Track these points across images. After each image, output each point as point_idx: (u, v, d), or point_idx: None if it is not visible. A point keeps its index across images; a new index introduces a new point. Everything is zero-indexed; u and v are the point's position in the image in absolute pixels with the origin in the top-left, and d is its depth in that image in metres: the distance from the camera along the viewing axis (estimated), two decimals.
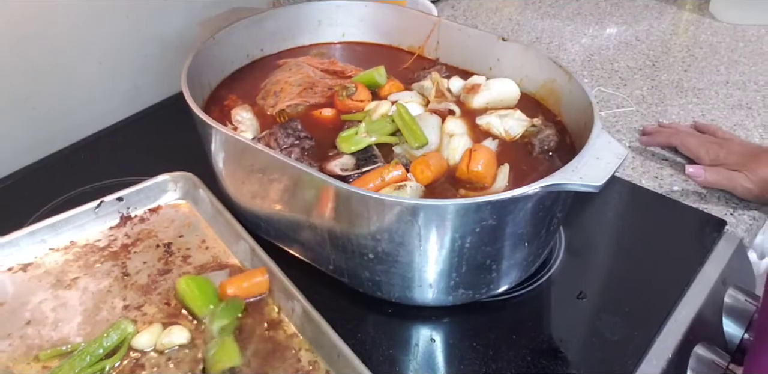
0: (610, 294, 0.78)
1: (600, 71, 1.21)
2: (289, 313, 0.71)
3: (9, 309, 0.73)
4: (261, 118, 0.82)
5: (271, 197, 0.75)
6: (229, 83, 0.89)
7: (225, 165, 0.79)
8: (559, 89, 0.80)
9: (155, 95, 1.12)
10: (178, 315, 0.72)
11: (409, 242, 0.65)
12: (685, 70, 1.22)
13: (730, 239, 0.85)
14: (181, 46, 1.08)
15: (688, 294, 0.78)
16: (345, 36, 0.98)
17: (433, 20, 0.91)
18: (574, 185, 0.62)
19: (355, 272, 0.73)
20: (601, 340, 0.72)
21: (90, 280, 0.77)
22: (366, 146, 0.75)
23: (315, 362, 0.68)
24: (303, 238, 0.76)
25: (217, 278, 0.75)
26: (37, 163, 1.00)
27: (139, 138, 1.05)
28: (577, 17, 1.40)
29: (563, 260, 0.82)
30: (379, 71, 0.86)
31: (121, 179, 0.90)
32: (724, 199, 0.91)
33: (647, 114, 1.09)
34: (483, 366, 0.70)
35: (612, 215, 0.90)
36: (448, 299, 0.73)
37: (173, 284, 0.75)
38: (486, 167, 0.71)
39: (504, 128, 0.78)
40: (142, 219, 0.85)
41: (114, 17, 1.01)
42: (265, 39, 0.94)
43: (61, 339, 0.70)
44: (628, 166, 0.98)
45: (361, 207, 0.64)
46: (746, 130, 1.05)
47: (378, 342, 0.72)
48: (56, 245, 0.80)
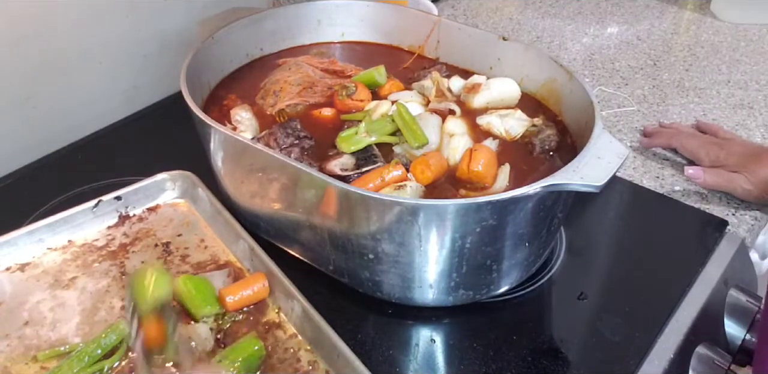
0: (611, 295, 0.78)
1: (601, 71, 1.21)
2: (289, 313, 0.71)
3: (7, 309, 0.73)
4: (260, 118, 0.82)
5: (271, 197, 0.75)
6: (229, 83, 0.89)
7: (224, 165, 0.78)
8: (560, 89, 0.80)
9: (154, 94, 1.12)
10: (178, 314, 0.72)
11: (409, 242, 0.65)
12: (686, 69, 1.21)
13: (731, 240, 0.85)
14: (180, 46, 1.08)
15: (689, 294, 0.78)
16: (345, 36, 0.98)
17: (434, 19, 0.91)
18: (575, 185, 0.61)
19: (355, 272, 0.73)
20: (602, 341, 0.72)
21: (88, 280, 0.76)
22: (366, 146, 0.75)
23: (315, 362, 0.67)
24: (303, 238, 0.76)
25: (216, 278, 0.74)
26: (36, 162, 1.00)
27: (138, 138, 1.04)
28: (578, 16, 1.40)
29: (564, 261, 0.81)
30: (379, 71, 0.86)
31: (121, 179, 0.90)
32: (725, 199, 0.91)
33: (648, 114, 1.09)
34: (483, 367, 0.69)
35: (613, 215, 0.90)
36: (449, 299, 0.73)
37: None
38: (486, 167, 0.71)
39: (504, 128, 0.78)
40: (141, 218, 0.84)
41: (114, 17, 1.01)
42: (265, 38, 0.93)
43: (59, 340, 0.70)
44: (629, 166, 0.98)
45: (361, 207, 0.64)
46: (748, 129, 1.05)
47: (378, 342, 0.72)
48: (54, 244, 0.80)
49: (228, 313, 0.71)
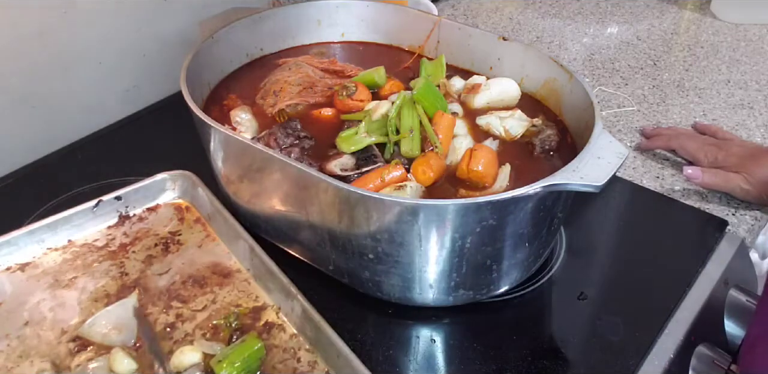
0: (611, 295, 0.78)
1: (601, 71, 1.21)
2: (289, 313, 0.71)
3: (7, 309, 0.73)
4: (260, 118, 0.82)
5: (271, 197, 0.74)
6: (229, 83, 0.89)
7: (224, 165, 0.78)
8: (560, 89, 0.80)
9: (155, 94, 1.12)
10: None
11: (409, 242, 0.65)
12: (686, 69, 1.21)
13: (731, 240, 0.85)
14: (180, 46, 1.08)
15: (689, 294, 0.78)
16: (345, 36, 0.98)
17: (434, 20, 0.91)
18: (575, 185, 0.61)
19: (355, 272, 0.73)
20: (603, 341, 0.72)
21: (88, 280, 0.76)
22: (366, 146, 0.75)
23: (315, 362, 0.67)
24: (303, 238, 0.76)
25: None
26: (36, 162, 1.00)
27: (138, 137, 1.04)
28: (578, 16, 1.40)
29: (564, 261, 0.81)
30: (379, 72, 0.86)
31: (121, 179, 0.90)
32: (725, 199, 0.91)
33: (648, 114, 1.09)
34: (483, 367, 0.69)
35: (613, 215, 0.90)
36: (449, 299, 0.73)
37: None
38: (486, 167, 0.71)
39: (504, 128, 0.78)
40: (141, 218, 0.84)
41: (114, 17, 1.01)
42: (265, 38, 0.93)
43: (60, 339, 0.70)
44: (629, 166, 0.98)
45: (361, 207, 0.64)
46: (748, 129, 1.05)
47: (378, 342, 0.72)
48: (54, 244, 0.80)
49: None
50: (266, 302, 0.73)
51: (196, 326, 0.71)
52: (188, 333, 0.70)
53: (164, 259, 0.79)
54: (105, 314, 0.70)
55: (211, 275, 0.77)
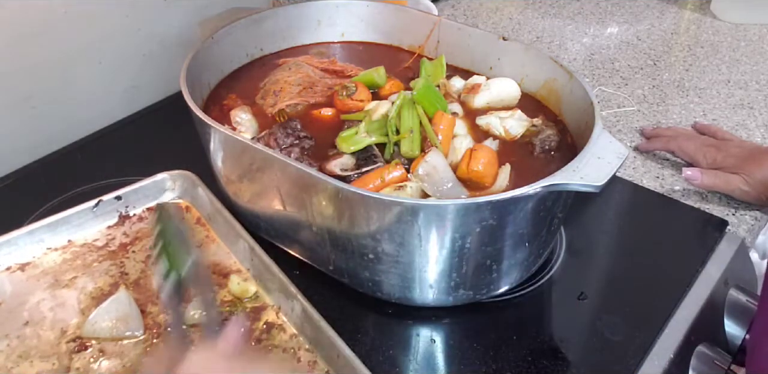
0: (611, 295, 0.78)
1: (601, 71, 1.21)
2: (289, 313, 0.71)
3: (7, 308, 0.73)
4: (260, 118, 0.82)
5: (271, 197, 0.74)
6: (229, 83, 0.89)
7: (224, 165, 0.78)
8: (560, 89, 0.80)
9: (155, 94, 1.12)
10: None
11: (409, 242, 0.65)
12: (686, 69, 1.21)
13: (731, 240, 0.85)
14: (180, 46, 1.08)
15: (689, 294, 0.78)
16: (345, 36, 0.98)
17: (434, 19, 0.91)
18: (575, 185, 0.61)
19: (355, 272, 0.73)
20: (603, 341, 0.72)
21: (88, 279, 0.76)
22: (366, 146, 0.75)
23: (315, 362, 0.67)
24: (303, 238, 0.76)
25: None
26: (36, 162, 0.99)
27: (138, 138, 1.04)
28: (578, 16, 1.40)
29: (564, 261, 0.81)
30: (379, 72, 0.85)
31: (121, 179, 0.90)
32: (725, 199, 0.91)
33: (648, 114, 1.09)
34: (483, 367, 0.69)
35: (613, 215, 0.90)
36: (449, 299, 0.73)
37: None
38: (486, 167, 0.71)
39: (504, 128, 0.78)
40: (141, 218, 0.84)
41: (114, 17, 1.01)
42: (265, 38, 0.93)
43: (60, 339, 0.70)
44: (629, 166, 0.98)
45: (361, 207, 0.64)
46: (748, 130, 1.05)
47: (378, 342, 0.72)
48: (54, 244, 0.80)
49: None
50: (266, 302, 0.73)
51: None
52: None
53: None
54: (102, 311, 0.70)
55: (211, 275, 0.77)
